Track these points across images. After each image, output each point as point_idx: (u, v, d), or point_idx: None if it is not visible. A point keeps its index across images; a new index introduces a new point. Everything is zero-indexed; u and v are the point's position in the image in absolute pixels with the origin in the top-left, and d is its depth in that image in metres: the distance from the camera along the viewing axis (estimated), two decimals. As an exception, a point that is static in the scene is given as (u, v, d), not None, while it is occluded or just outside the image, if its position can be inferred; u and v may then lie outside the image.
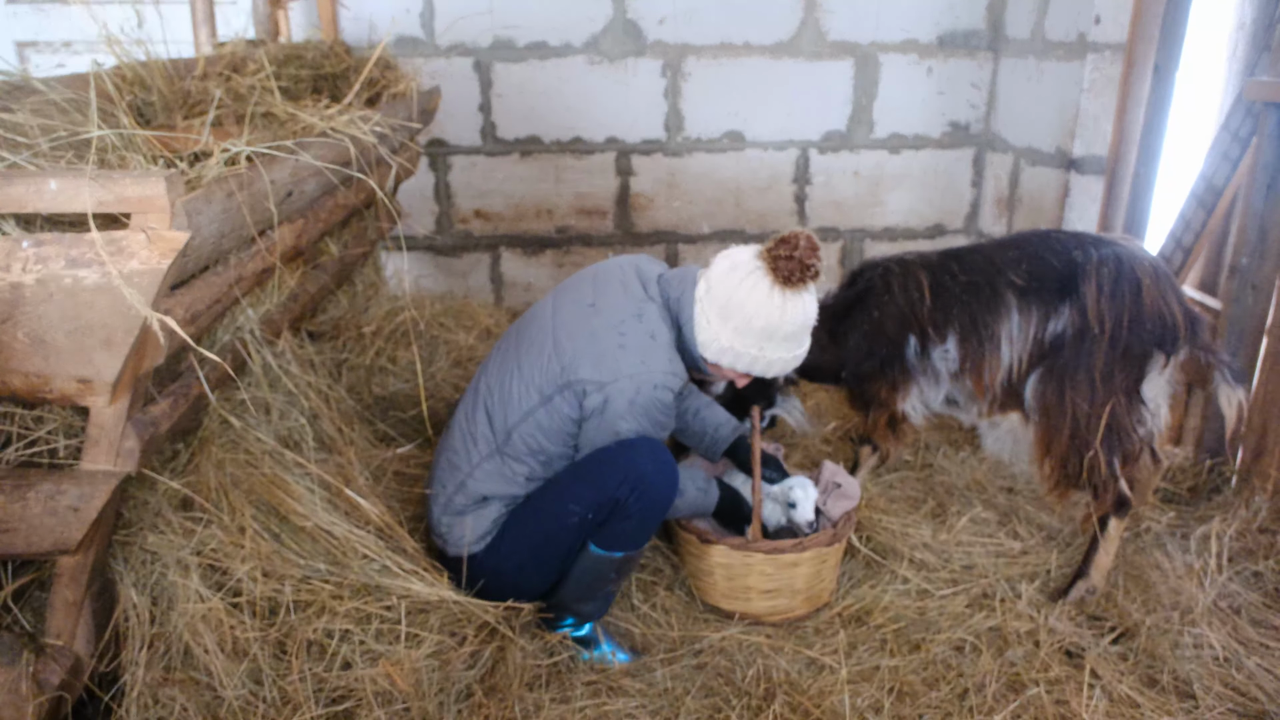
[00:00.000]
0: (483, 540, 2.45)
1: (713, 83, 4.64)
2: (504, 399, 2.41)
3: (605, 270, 2.52)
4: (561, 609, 2.51)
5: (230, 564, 2.15)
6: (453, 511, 2.46)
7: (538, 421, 2.36)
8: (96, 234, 1.59)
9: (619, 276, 2.47)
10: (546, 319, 2.44)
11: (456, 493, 2.46)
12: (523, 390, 2.37)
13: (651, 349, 2.29)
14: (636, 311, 2.35)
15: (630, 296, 2.39)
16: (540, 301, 2.60)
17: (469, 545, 2.44)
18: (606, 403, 2.27)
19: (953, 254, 2.86)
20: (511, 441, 2.40)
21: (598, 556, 2.39)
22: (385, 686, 2.13)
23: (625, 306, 2.36)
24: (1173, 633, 2.49)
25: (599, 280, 2.48)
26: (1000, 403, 2.76)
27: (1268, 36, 3.10)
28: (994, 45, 4.63)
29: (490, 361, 2.56)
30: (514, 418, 2.39)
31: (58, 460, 1.89)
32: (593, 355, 2.27)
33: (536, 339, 2.41)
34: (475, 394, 2.52)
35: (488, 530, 2.45)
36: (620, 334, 2.30)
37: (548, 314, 2.46)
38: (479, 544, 2.45)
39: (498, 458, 2.42)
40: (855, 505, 2.75)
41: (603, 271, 2.52)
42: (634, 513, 2.30)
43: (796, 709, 2.25)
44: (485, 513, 2.45)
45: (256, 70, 2.80)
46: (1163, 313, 2.51)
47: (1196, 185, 3.34)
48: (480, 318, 4.21)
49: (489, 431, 2.44)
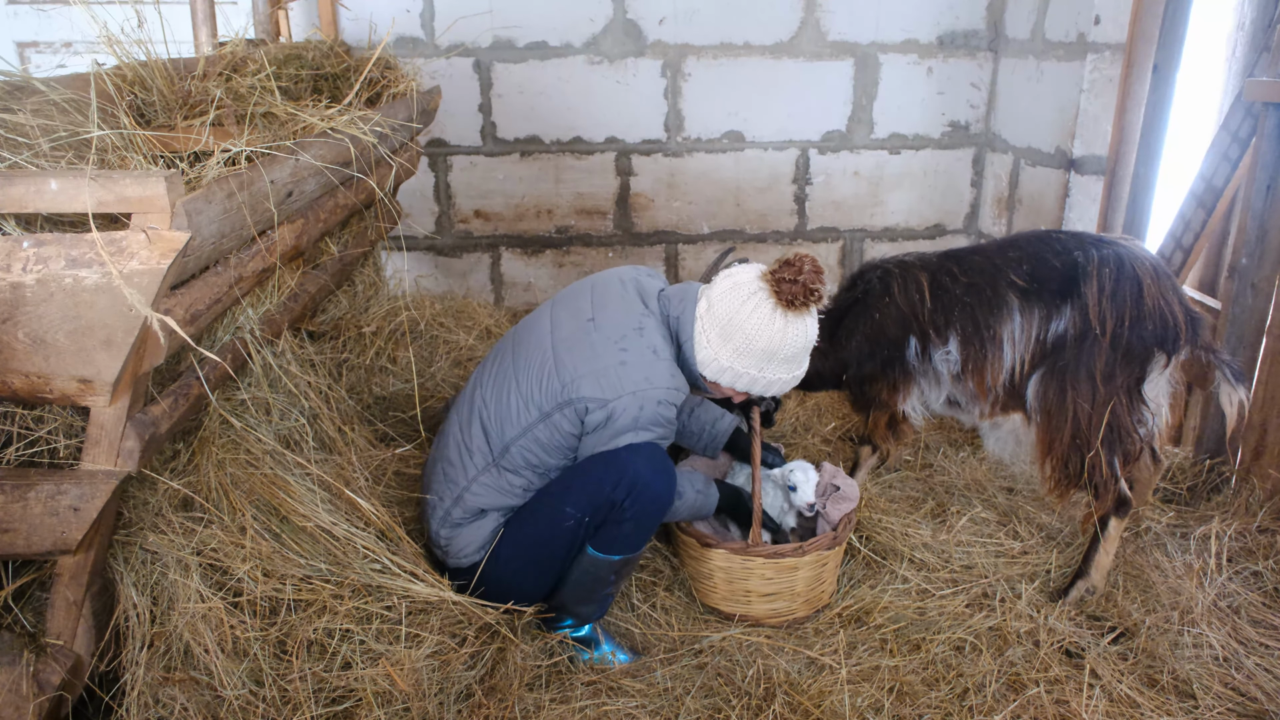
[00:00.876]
0: (482, 551, 2.45)
1: (713, 83, 4.64)
2: (501, 414, 2.39)
3: (603, 282, 2.50)
4: (561, 610, 2.51)
5: (231, 564, 2.15)
6: (451, 524, 2.46)
7: (536, 437, 2.34)
8: (97, 234, 1.60)
9: (618, 290, 2.45)
10: (545, 333, 2.41)
11: (454, 506, 2.45)
12: (521, 406, 2.35)
13: (654, 364, 2.27)
14: (637, 325, 2.33)
15: (630, 311, 2.37)
16: (535, 313, 2.57)
17: (469, 556, 2.45)
18: (610, 419, 2.26)
19: (952, 255, 2.86)
20: (509, 455, 2.38)
21: (596, 559, 2.38)
22: (385, 686, 2.13)
23: (625, 321, 2.34)
24: (1172, 633, 2.49)
25: (597, 293, 2.45)
26: (1002, 404, 2.76)
27: (1267, 36, 3.10)
28: (994, 45, 4.64)
29: (485, 373, 2.52)
30: (512, 433, 2.37)
31: (58, 460, 1.89)
32: (594, 373, 2.25)
33: (535, 354, 2.38)
34: (470, 406, 2.49)
35: (486, 541, 2.45)
36: (621, 350, 2.27)
37: (545, 328, 2.43)
38: (479, 554, 2.45)
39: (494, 471, 2.41)
40: (854, 507, 2.75)
41: (600, 284, 2.50)
42: (631, 515, 2.30)
43: (796, 709, 2.25)
44: (483, 524, 2.45)
45: (256, 70, 2.80)
46: (1164, 312, 2.51)
47: (1196, 185, 3.34)
48: (480, 318, 4.21)
49: (485, 445, 2.42)
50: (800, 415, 3.88)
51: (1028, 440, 2.75)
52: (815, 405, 3.97)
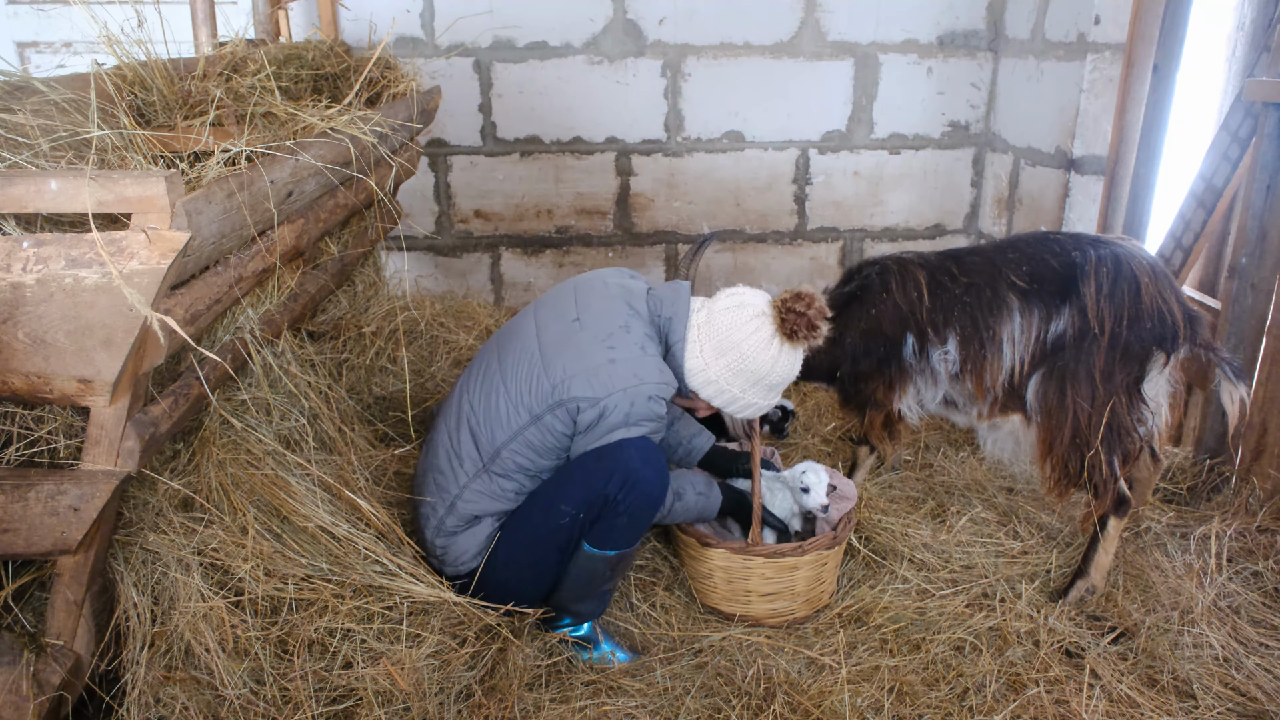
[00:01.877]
0: (479, 557, 2.45)
1: (713, 83, 4.64)
2: (490, 418, 2.38)
3: (586, 283, 2.51)
4: (560, 609, 2.51)
5: (231, 563, 2.15)
6: (445, 533, 2.46)
7: (528, 440, 2.35)
8: (97, 234, 1.60)
9: (601, 290, 2.46)
10: (530, 336, 2.41)
11: (447, 515, 2.44)
12: (510, 409, 2.35)
13: (643, 361, 2.30)
14: (623, 324, 2.35)
15: (615, 310, 2.39)
16: (517, 317, 2.57)
17: (466, 564, 2.45)
18: (602, 417, 2.27)
19: (951, 255, 2.86)
20: (500, 459, 2.38)
21: (592, 555, 2.39)
22: (386, 686, 2.13)
23: (611, 320, 2.36)
24: (1172, 633, 2.49)
25: (580, 294, 2.47)
26: (1001, 405, 2.76)
27: (1267, 36, 3.10)
28: (994, 45, 4.64)
29: (470, 379, 2.51)
30: (502, 436, 2.36)
31: (58, 460, 1.89)
32: (585, 372, 2.27)
33: (522, 357, 2.38)
34: (458, 413, 2.47)
35: (482, 547, 2.45)
36: (610, 348, 2.30)
37: (530, 331, 2.43)
38: (475, 560, 2.45)
39: (485, 476, 2.41)
40: (853, 505, 2.75)
41: (583, 285, 2.51)
42: (625, 509, 2.30)
43: (796, 709, 2.25)
44: (478, 531, 2.45)
45: (256, 70, 2.80)
46: (1162, 311, 2.51)
47: (1196, 185, 3.34)
48: (480, 318, 4.21)
49: (475, 451, 2.41)
50: (800, 415, 3.88)
51: (1027, 441, 2.75)
52: (815, 405, 3.97)
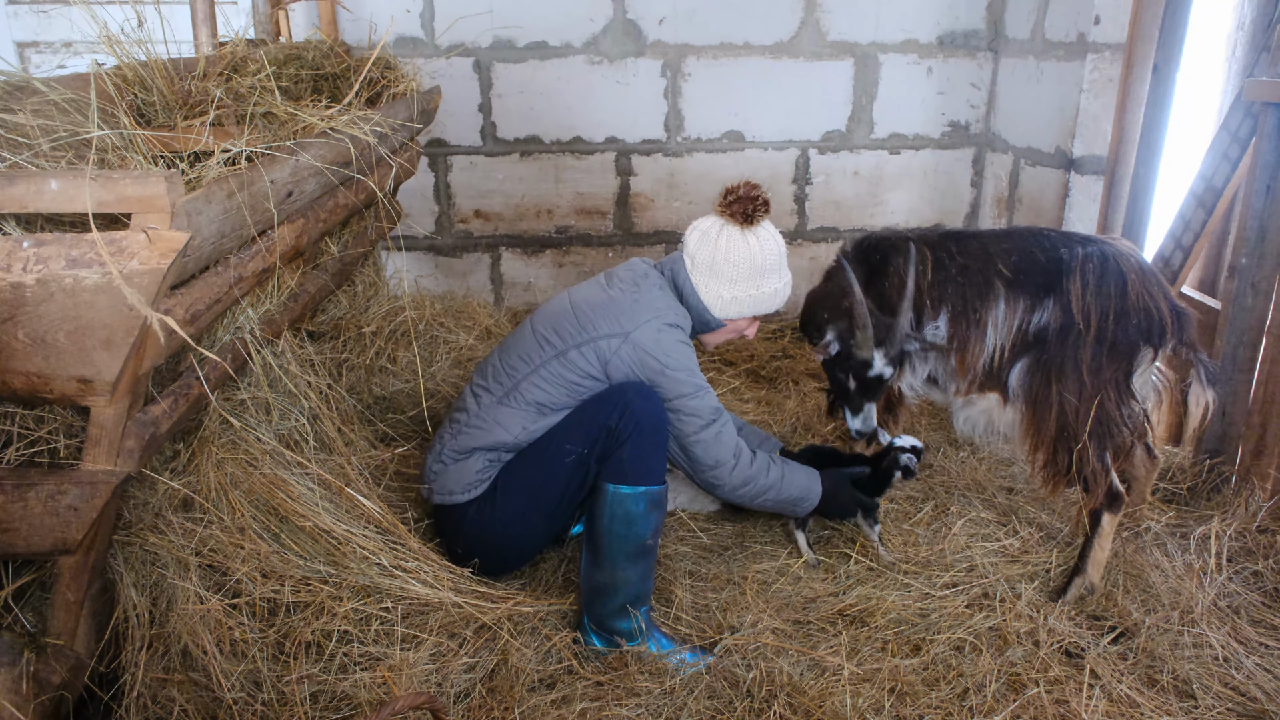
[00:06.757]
0: (467, 492, 2.52)
1: (713, 83, 4.64)
2: (516, 359, 2.57)
3: (614, 269, 2.77)
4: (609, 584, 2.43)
5: (230, 564, 2.15)
6: (441, 460, 2.58)
7: (550, 372, 2.50)
8: (97, 234, 1.59)
9: (627, 268, 2.73)
10: (563, 298, 2.68)
11: (450, 442, 2.58)
12: (536, 347, 2.55)
13: (663, 298, 2.57)
14: (643, 274, 2.65)
15: (636, 268, 2.69)
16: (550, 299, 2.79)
17: (455, 496, 2.53)
18: (634, 345, 2.46)
19: (951, 235, 2.91)
20: (519, 391, 2.53)
21: (617, 493, 2.38)
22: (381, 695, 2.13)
23: (635, 278, 2.65)
24: (1172, 632, 2.49)
25: (609, 273, 2.74)
26: (980, 383, 2.82)
27: (1267, 36, 3.10)
28: (994, 45, 4.64)
29: (502, 345, 2.72)
30: (524, 371, 2.54)
31: (58, 460, 1.89)
32: (612, 313, 2.51)
33: (553, 311, 2.62)
34: (485, 365, 2.68)
35: (471, 482, 2.52)
36: (635, 290, 2.59)
37: (564, 297, 2.69)
38: (464, 494, 2.52)
39: (497, 407, 2.55)
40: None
41: (611, 270, 2.77)
42: (628, 435, 2.39)
43: (798, 710, 2.25)
44: (468, 464, 2.53)
45: (257, 70, 2.80)
46: (1149, 307, 2.55)
47: (1196, 185, 3.34)
48: (480, 318, 4.20)
49: (496, 386, 2.58)
50: (800, 415, 3.88)
51: (1000, 420, 2.82)
52: (815, 405, 3.97)
